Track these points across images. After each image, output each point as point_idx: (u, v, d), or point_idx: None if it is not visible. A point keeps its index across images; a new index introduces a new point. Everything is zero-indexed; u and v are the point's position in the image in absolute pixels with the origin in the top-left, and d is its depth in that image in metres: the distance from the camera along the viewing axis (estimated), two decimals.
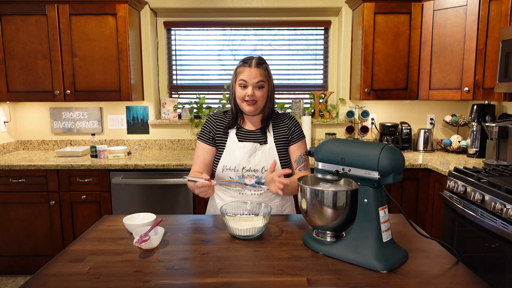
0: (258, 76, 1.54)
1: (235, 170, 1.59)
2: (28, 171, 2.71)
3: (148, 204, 2.75)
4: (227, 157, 1.61)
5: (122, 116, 3.36)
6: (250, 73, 1.54)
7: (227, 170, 1.60)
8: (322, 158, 1.20)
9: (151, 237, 1.20)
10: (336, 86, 3.41)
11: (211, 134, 1.67)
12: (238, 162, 1.59)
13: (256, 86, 1.55)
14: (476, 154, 2.84)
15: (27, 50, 2.91)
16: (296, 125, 1.70)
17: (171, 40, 3.44)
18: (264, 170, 1.59)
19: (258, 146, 1.61)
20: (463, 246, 2.16)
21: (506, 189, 1.80)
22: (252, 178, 1.57)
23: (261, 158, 1.59)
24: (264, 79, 1.56)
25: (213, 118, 1.70)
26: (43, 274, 1.06)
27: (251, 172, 1.59)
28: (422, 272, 1.05)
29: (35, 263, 2.82)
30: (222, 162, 1.61)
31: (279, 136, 1.66)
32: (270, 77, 1.61)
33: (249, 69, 1.54)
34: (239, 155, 1.59)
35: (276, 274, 1.05)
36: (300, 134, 1.69)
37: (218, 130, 1.67)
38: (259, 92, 1.56)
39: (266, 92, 1.59)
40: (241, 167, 1.59)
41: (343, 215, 1.15)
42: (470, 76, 2.69)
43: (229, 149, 1.62)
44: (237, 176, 1.58)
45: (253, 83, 1.54)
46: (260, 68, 1.56)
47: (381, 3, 2.87)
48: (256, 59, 1.58)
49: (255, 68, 1.55)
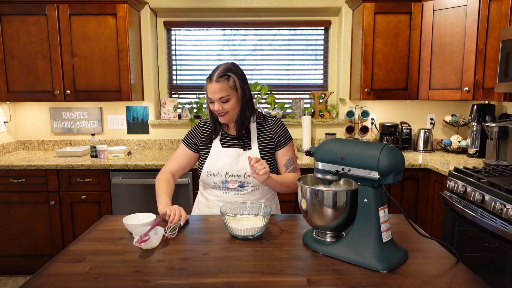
0: (218, 92, 1.52)
1: (219, 175, 1.62)
2: (28, 171, 2.71)
3: (148, 204, 2.75)
4: (211, 163, 1.63)
5: (122, 116, 3.36)
6: (212, 89, 1.53)
7: (211, 175, 1.63)
8: (322, 158, 1.20)
9: (151, 237, 1.20)
10: (336, 86, 3.41)
11: (194, 140, 1.71)
12: (221, 168, 1.61)
13: (220, 101, 1.54)
14: (476, 154, 2.84)
15: (27, 50, 2.91)
16: (282, 128, 1.69)
17: (171, 40, 3.44)
18: (247, 176, 1.60)
19: (241, 151, 1.63)
20: (463, 246, 2.16)
21: (506, 189, 1.80)
22: (235, 183, 1.61)
23: (244, 163, 1.60)
24: (227, 93, 1.53)
25: (200, 125, 1.74)
26: (43, 274, 1.06)
27: (234, 177, 1.61)
28: (422, 272, 1.05)
29: (35, 263, 2.82)
30: (206, 168, 1.64)
31: (264, 141, 1.67)
32: (236, 87, 1.54)
33: (211, 86, 1.53)
34: (222, 160, 1.62)
35: (276, 274, 1.05)
36: (286, 138, 1.69)
37: (202, 138, 1.70)
38: (226, 105, 1.55)
39: (235, 102, 1.56)
40: (224, 172, 1.61)
41: (343, 215, 1.15)
42: (470, 76, 2.69)
43: (213, 155, 1.64)
44: (220, 181, 1.61)
45: (217, 99, 1.54)
46: (220, 82, 1.51)
47: (381, 3, 2.87)
48: (219, 72, 1.53)
49: (216, 84, 1.52)
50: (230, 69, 1.55)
